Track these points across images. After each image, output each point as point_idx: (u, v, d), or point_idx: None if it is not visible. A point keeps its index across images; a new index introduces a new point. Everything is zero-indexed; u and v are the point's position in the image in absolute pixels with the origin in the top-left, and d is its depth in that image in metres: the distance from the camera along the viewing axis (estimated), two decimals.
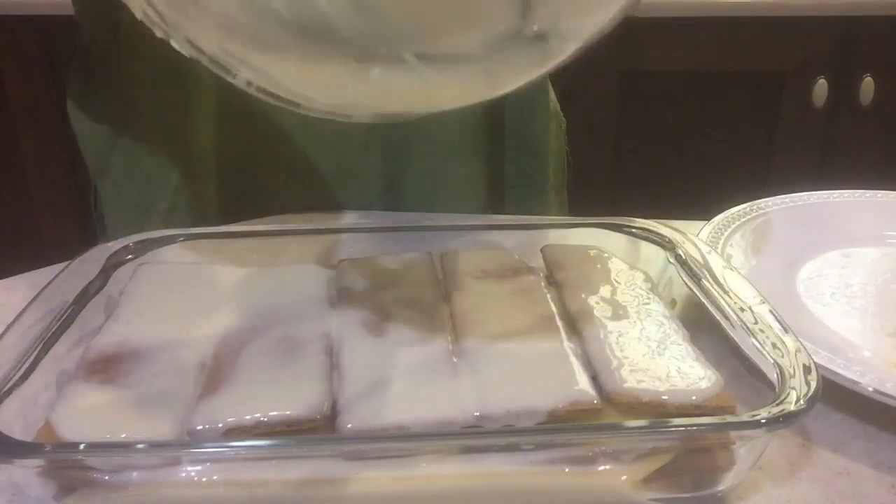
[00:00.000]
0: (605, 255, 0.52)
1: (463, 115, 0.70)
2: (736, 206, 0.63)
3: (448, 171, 0.72)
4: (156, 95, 0.67)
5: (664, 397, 0.38)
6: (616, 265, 0.51)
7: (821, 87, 1.43)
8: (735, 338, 0.43)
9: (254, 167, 0.71)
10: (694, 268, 0.48)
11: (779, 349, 0.40)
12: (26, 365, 0.40)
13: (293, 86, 0.38)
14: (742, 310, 0.43)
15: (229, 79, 0.37)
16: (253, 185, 0.71)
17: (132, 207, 0.71)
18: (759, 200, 0.64)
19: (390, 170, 0.72)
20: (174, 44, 0.36)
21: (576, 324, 0.45)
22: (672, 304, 0.49)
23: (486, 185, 0.74)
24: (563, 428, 0.38)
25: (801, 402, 0.36)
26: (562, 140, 0.80)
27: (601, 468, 0.37)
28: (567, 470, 0.37)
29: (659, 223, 0.53)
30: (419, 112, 0.42)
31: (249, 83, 0.37)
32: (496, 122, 0.73)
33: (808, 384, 0.37)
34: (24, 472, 0.36)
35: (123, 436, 0.36)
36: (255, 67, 0.37)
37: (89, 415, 0.38)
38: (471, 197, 0.74)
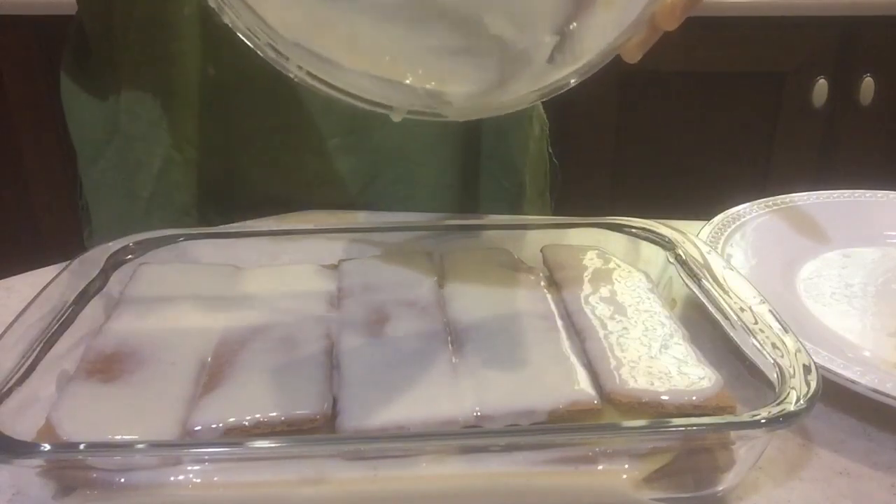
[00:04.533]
0: (605, 255, 0.52)
1: (438, 124, 0.71)
2: (736, 206, 0.63)
3: (420, 178, 0.73)
4: (141, 80, 0.68)
5: (664, 397, 0.38)
6: (616, 265, 0.51)
7: (821, 87, 1.43)
8: (735, 338, 0.42)
9: (233, 161, 0.71)
10: (694, 268, 0.48)
11: (779, 349, 0.40)
12: (26, 365, 0.40)
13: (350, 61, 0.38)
14: (742, 310, 0.43)
15: (281, 63, 0.38)
16: (232, 178, 0.72)
17: (120, 196, 0.71)
18: (759, 200, 0.64)
19: (365, 173, 0.72)
20: (226, 20, 0.37)
21: (576, 324, 0.45)
22: (672, 304, 0.49)
23: (458, 193, 0.75)
24: (563, 428, 0.38)
25: (801, 402, 0.36)
26: (544, 143, 0.79)
27: (601, 468, 0.37)
28: (567, 470, 0.37)
29: (659, 223, 0.53)
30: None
31: (300, 67, 0.38)
32: (472, 133, 0.73)
33: (808, 384, 0.37)
34: (24, 472, 0.36)
35: (123, 436, 0.36)
36: (314, 49, 0.38)
37: (89, 415, 0.38)
38: (443, 204, 0.74)
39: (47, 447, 0.35)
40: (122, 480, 0.36)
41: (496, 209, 0.76)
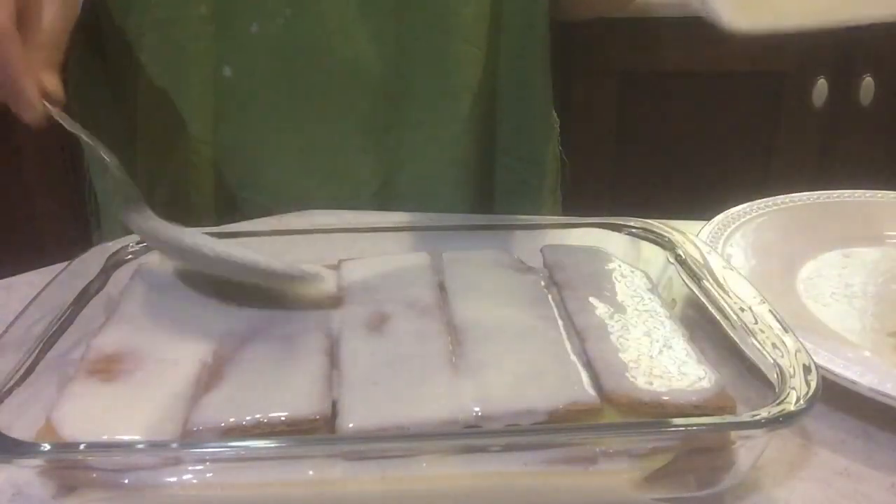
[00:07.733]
0: (605, 255, 0.52)
1: (456, 121, 0.71)
2: (736, 206, 0.63)
3: (437, 176, 0.73)
4: (157, 82, 0.68)
5: (664, 397, 0.38)
6: (616, 265, 0.51)
7: (821, 87, 1.43)
8: (735, 338, 0.42)
9: (250, 161, 0.71)
10: (694, 268, 0.48)
11: (779, 349, 0.40)
12: (26, 365, 0.40)
13: None
14: (742, 310, 0.43)
15: None
16: (249, 179, 0.72)
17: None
18: (759, 200, 0.64)
19: (384, 171, 0.72)
20: None
21: (576, 324, 0.45)
22: (672, 304, 0.49)
23: (474, 190, 0.75)
24: (563, 428, 0.38)
25: (801, 402, 0.36)
26: (555, 140, 0.80)
27: (601, 468, 0.37)
28: (567, 470, 0.37)
29: (659, 223, 0.53)
30: None
31: None
32: (488, 129, 0.74)
33: (808, 384, 0.37)
34: (24, 472, 0.36)
35: (123, 436, 0.36)
36: None
37: (90, 414, 0.38)
38: (460, 199, 0.74)
39: (47, 447, 0.35)
40: (123, 480, 0.36)
41: (513, 205, 0.76)
